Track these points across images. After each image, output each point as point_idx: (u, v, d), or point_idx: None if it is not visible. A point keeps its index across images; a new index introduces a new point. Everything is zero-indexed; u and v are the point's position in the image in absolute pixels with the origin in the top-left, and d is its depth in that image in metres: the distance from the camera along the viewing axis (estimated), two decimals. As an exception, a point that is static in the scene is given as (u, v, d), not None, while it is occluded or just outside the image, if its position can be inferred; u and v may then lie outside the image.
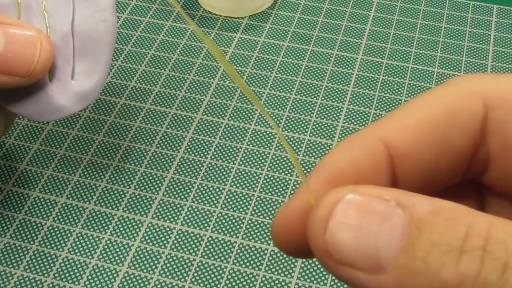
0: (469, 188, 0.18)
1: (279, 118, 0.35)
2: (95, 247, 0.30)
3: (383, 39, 0.40)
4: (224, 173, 0.33)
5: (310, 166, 0.33)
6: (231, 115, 0.35)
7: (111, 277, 0.29)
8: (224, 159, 0.33)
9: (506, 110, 0.16)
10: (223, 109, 0.36)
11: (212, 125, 0.35)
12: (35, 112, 0.26)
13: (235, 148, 0.34)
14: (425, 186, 0.16)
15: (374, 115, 0.35)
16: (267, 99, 0.36)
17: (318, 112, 0.36)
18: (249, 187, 0.32)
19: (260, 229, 0.30)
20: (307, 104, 0.36)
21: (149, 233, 0.30)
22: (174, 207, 0.31)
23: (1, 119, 0.27)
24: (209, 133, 0.34)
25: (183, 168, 0.33)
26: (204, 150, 0.34)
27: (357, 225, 0.14)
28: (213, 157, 0.33)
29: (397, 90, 0.37)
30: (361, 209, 0.14)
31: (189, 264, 0.29)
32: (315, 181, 0.16)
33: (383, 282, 0.13)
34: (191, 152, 0.33)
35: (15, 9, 0.25)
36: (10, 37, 0.23)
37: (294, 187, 0.32)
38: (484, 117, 0.16)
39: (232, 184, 0.32)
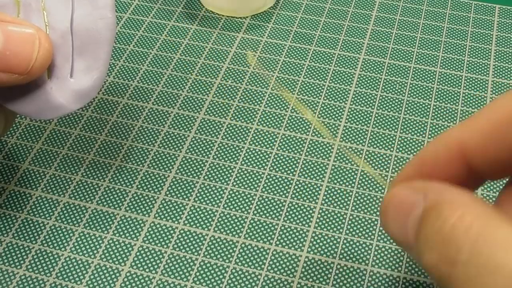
0: None
1: (281, 118, 0.35)
2: (97, 246, 0.30)
3: (385, 39, 0.40)
4: (227, 172, 0.33)
5: (311, 165, 0.33)
6: (233, 114, 0.35)
7: (113, 276, 0.29)
8: (226, 159, 0.33)
9: None
10: (225, 109, 0.36)
11: (214, 125, 0.35)
12: (34, 110, 0.26)
13: (237, 148, 0.34)
14: (494, 173, 0.22)
15: (376, 115, 0.35)
16: (269, 98, 0.36)
17: (320, 112, 0.36)
18: (251, 187, 0.32)
19: (262, 229, 0.30)
20: (309, 104, 0.36)
21: (151, 232, 0.30)
22: (177, 207, 0.31)
23: (1, 118, 0.27)
24: (211, 132, 0.34)
25: (185, 168, 0.33)
26: (206, 150, 0.34)
27: (396, 214, 0.20)
28: (215, 156, 0.33)
29: (399, 90, 0.37)
30: (398, 202, 0.20)
31: (191, 264, 0.29)
32: (411, 165, 0.22)
33: (411, 255, 0.20)
34: (193, 152, 0.33)
35: (14, 7, 0.25)
36: (9, 35, 0.23)
37: (296, 187, 0.32)
38: None
39: (235, 183, 0.32)
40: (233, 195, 0.32)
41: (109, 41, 0.25)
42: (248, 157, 0.33)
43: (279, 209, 0.31)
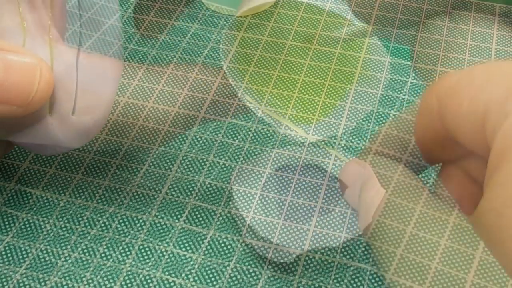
0: None
1: (282, 117, 0.35)
2: (98, 245, 0.30)
3: (386, 38, 0.40)
4: (227, 171, 0.33)
5: (312, 164, 0.33)
6: (234, 113, 0.35)
7: (114, 275, 0.29)
8: (226, 158, 0.33)
9: (442, 105, 0.22)
10: (225, 108, 0.36)
11: (215, 124, 0.35)
12: (33, 144, 0.24)
13: (237, 147, 0.34)
14: (438, 152, 0.25)
15: (377, 114, 0.35)
16: (269, 97, 0.36)
17: (321, 111, 0.36)
18: (252, 186, 0.32)
19: (262, 228, 0.30)
20: (309, 103, 0.36)
21: (152, 231, 0.30)
22: (177, 205, 0.31)
23: (2, 142, 0.26)
24: (211, 131, 0.34)
25: (185, 167, 0.33)
26: (206, 149, 0.34)
27: (346, 183, 0.26)
28: (215, 155, 0.33)
29: (399, 89, 0.37)
30: (349, 173, 0.26)
31: (192, 262, 0.29)
32: (368, 143, 0.27)
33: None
34: (193, 151, 0.33)
35: (20, 35, 0.24)
36: (8, 65, 0.22)
37: (296, 186, 0.32)
38: (438, 111, 0.23)
39: (235, 182, 0.32)
40: (233, 193, 0.32)
41: (115, 81, 0.24)
42: (249, 155, 0.33)
43: (279, 208, 0.31)
